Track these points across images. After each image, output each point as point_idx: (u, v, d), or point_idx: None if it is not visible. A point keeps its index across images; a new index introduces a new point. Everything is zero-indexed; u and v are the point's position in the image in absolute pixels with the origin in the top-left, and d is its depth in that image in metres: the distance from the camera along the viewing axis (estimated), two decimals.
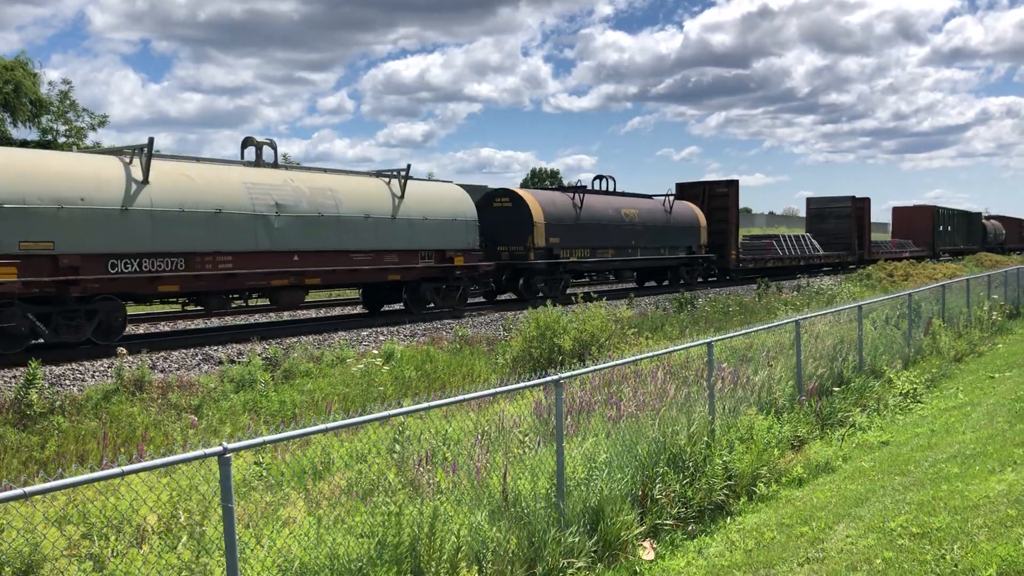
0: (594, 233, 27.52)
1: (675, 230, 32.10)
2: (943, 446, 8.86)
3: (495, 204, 26.15)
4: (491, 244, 25.22)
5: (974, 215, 76.70)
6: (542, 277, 25.86)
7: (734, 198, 36.66)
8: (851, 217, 48.48)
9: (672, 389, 8.69)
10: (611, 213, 28.63)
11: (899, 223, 64.78)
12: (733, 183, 36.54)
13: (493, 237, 25.23)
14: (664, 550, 6.76)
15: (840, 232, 48.32)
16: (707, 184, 36.96)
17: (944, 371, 13.91)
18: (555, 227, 25.93)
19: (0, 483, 7.77)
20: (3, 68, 38.58)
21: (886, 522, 6.41)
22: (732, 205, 36.41)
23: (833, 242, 47.82)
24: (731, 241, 35.83)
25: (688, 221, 33.23)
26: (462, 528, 5.71)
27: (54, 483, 3.80)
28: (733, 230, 35.93)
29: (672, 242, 31.90)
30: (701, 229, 33.81)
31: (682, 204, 33.86)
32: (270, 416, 11.35)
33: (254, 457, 6.71)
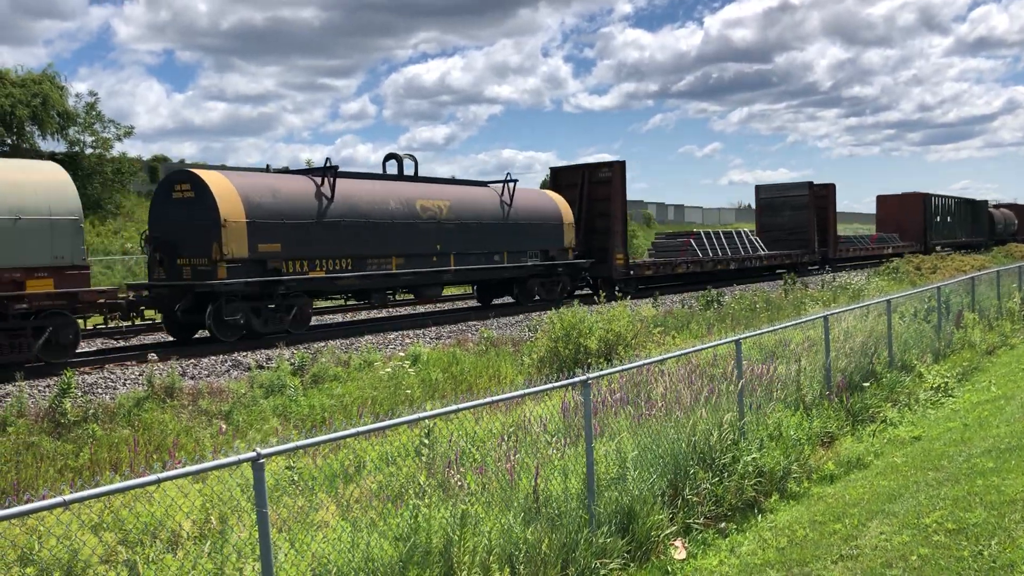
0: (359, 235, 19.38)
1: (518, 229, 23.93)
2: (977, 440, 8.76)
3: (174, 195, 17.66)
4: (169, 256, 17.41)
5: (979, 203, 68.61)
6: (244, 305, 17.26)
7: (619, 185, 28.15)
8: (809, 208, 41.05)
9: (700, 387, 8.65)
10: (394, 207, 20.38)
11: (885, 214, 57.11)
12: (617, 165, 28.24)
13: (172, 244, 17.38)
14: (696, 549, 6.73)
15: (796, 226, 41.18)
16: (587, 168, 28.84)
17: (976, 364, 13.75)
18: (271, 228, 17.67)
19: (38, 491, 7.88)
20: (31, 82, 39.14)
21: (921, 518, 6.35)
22: (617, 195, 28.06)
23: (788, 239, 40.85)
24: (616, 242, 27.72)
25: (541, 216, 24.94)
26: (493, 530, 5.72)
27: (92, 491, 3.85)
28: (619, 227, 27.99)
29: (515, 245, 23.81)
30: (565, 227, 25.71)
31: (533, 194, 26.13)
32: (300, 421, 11.43)
33: (286, 461, 6.76)
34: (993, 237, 69.08)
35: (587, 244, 27.87)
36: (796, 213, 41.38)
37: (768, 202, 42.72)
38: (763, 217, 42.83)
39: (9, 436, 10.25)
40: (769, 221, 42.22)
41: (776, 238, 40.84)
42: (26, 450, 9.96)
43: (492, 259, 23.29)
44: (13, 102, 37.04)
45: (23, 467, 9.64)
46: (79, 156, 40.76)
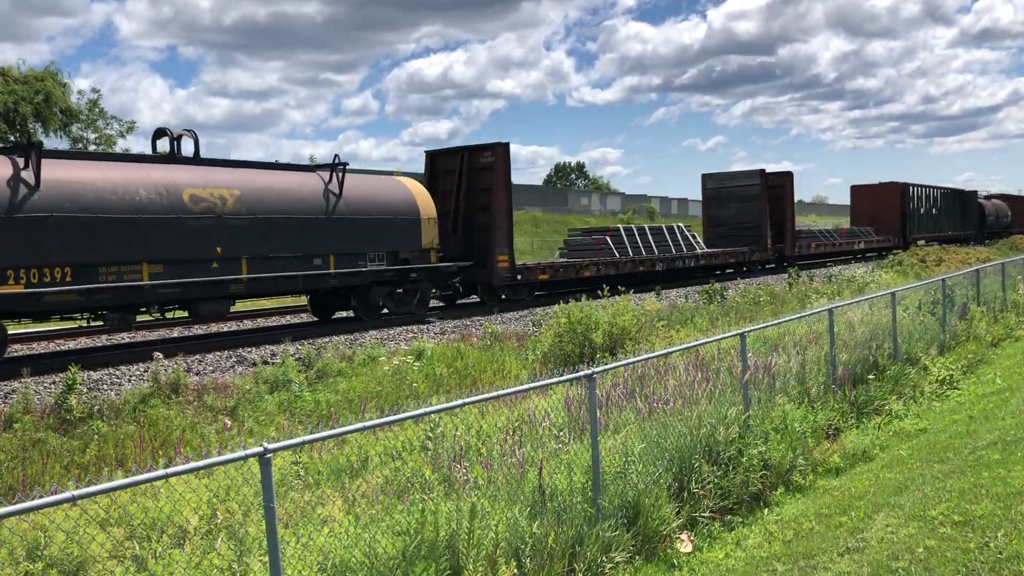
0: (84, 236, 14.40)
1: (351, 226, 18.71)
2: (982, 433, 8.75)
3: None
4: None
5: (968, 194, 64.73)
6: None
7: (502, 172, 23.07)
8: (761, 199, 36.26)
9: (705, 381, 8.65)
10: (145, 197, 15.33)
11: (859, 207, 53.23)
12: (499, 148, 23.11)
13: None
14: (702, 542, 6.74)
15: (746, 220, 36.43)
16: (466, 152, 23.80)
17: (981, 357, 13.73)
18: None
19: (45, 487, 7.91)
20: (33, 79, 39.18)
21: (927, 510, 6.35)
22: (499, 184, 22.98)
23: (736, 234, 36.48)
24: (499, 240, 22.74)
25: (388, 209, 19.67)
26: (499, 524, 5.73)
27: (100, 487, 3.86)
28: (503, 223, 22.93)
29: (346, 246, 18.58)
30: (424, 223, 20.38)
31: (378, 183, 20.69)
32: (305, 416, 11.44)
33: (292, 456, 6.78)
34: (984, 230, 64.96)
35: (467, 244, 23.21)
36: (745, 205, 36.65)
37: (715, 193, 37.93)
38: (710, 210, 38.20)
39: (15, 432, 10.28)
40: (716, 215, 37.71)
41: (724, 234, 36.70)
42: (32, 446, 9.99)
43: (311, 264, 17.96)
44: (16, 99, 37.08)
45: (29, 463, 9.67)
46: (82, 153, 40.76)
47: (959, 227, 60.76)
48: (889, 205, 50.86)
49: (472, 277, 22.84)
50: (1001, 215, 69.60)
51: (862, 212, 52.47)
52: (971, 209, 63.91)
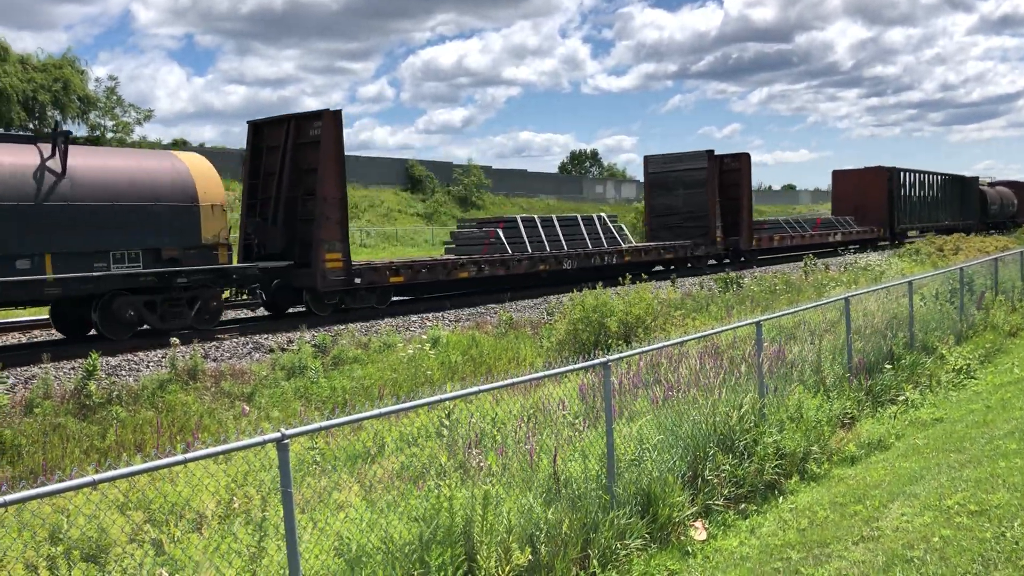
0: None
1: (84, 215, 14.25)
2: (999, 422, 8.71)
3: None
4: None
5: (968, 180, 59.46)
6: None
7: (333, 147, 18.26)
8: (709, 185, 31.56)
9: (720, 369, 8.64)
10: None
11: (842, 194, 48.29)
12: (328, 117, 18.36)
13: None
14: (716, 530, 6.75)
15: (693, 209, 31.90)
16: (293, 122, 18.89)
17: (999, 346, 13.64)
18: None
19: (65, 472, 8.00)
20: (52, 67, 39.41)
21: (942, 500, 6.33)
22: (329, 161, 18.15)
23: (682, 226, 31.92)
24: (329, 233, 18.06)
25: (144, 193, 15.09)
26: (513, 510, 5.76)
27: (120, 471, 3.91)
28: (333, 212, 18.23)
29: (77, 243, 14.18)
30: (203, 211, 15.83)
31: (131, 158, 15.88)
32: (321, 402, 11.52)
33: (309, 442, 6.83)
34: (985, 219, 59.55)
35: (289, 237, 18.60)
36: (692, 192, 32.01)
37: (659, 179, 33.24)
38: (653, 198, 33.47)
39: (36, 417, 10.40)
40: (660, 203, 33.10)
41: (669, 224, 32.45)
42: (52, 431, 10.11)
43: (11, 268, 13.38)
44: (35, 87, 37.32)
45: (50, 448, 9.79)
46: (100, 140, 41.01)
47: (958, 216, 56.30)
48: (875, 192, 46.31)
49: (294, 280, 18.46)
50: (1006, 203, 64.15)
51: (845, 200, 47.66)
52: (972, 197, 59.24)
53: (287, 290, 18.90)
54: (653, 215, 33.46)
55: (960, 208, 56.96)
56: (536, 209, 65.76)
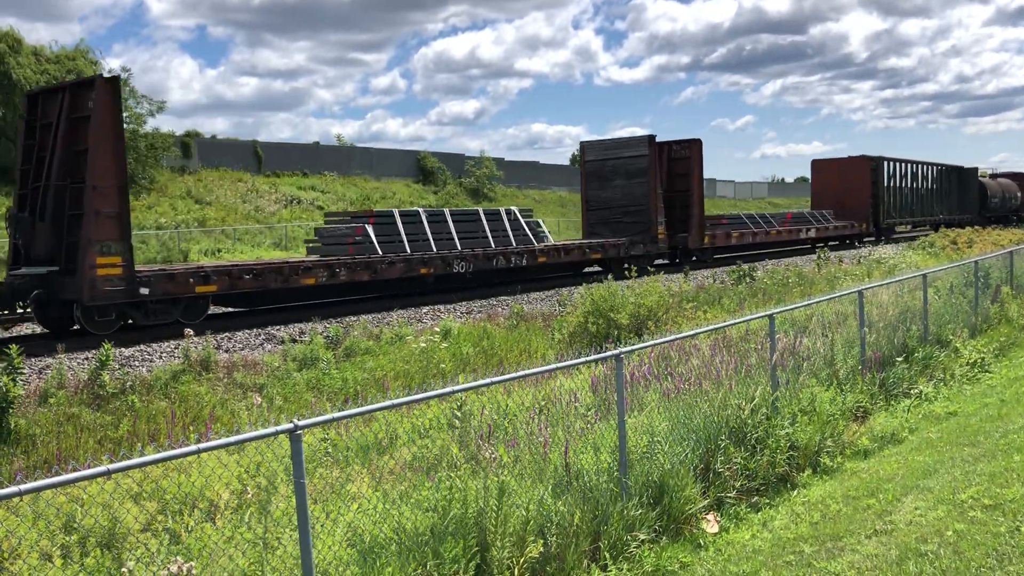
0: None
1: None
2: (1014, 416, 8.65)
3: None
4: None
5: (967, 171, 55.41)
6: None
7: (108, 122, 14.82)
8: (651, 174, 27.58)
9: (732, 362, 8.62)
10: None
11: (822, 186, 44.20)
12: (103, 85, 14.74)
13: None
14: (728, 523, 6.74)
15: (632, 203, 27.93)
16: (68, 90, 15.39)
17: (1013, 340, 13.55)
18: None
19: (80, 461, 8.06)
20: (65, 58, 39.56)
21: (956, 494, 6.30)
22: (103, 135, 14.75)
23: (621, 221, 28.13)
24: (102, 231, 14.52)
25: None
26: (525, 503, 5.76)
27: (135, 461, 3.93)
28: (108, 203, 14.68)
29: None
30: None
31: None
32: (333, 394, 11.55)
33: (321, 433, 6.85)
34: (986, 213, 55.33)
35: (58, 236, 15.02)
36: (631, 184, 27.93)
37: (597, 167, 29.14)
38: (589, 190, 29.41)
39: (50, 407, 10.47)
40: (596, 195, 29.07)
41: (607, 219, 28.50)
42: (67, 421, 10.17)
43: None
44: (48, 79, 37.45)
45: (64, 437, 9.85)
46: None
47: (955, 209, 52.91)
48: (857, 184, 42.37)
49: (58, 291, 14.86)
50: (1008, 196, 59.37)
51: (825, 193, 43.63)
52: (970, 189, 55.23)
53: (56, 304, 15.17)
54: (590, 209, 29.47)
55: (958, 201, 53.51)
56: (549, 200, 65.73)
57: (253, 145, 51.39)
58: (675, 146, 29.98)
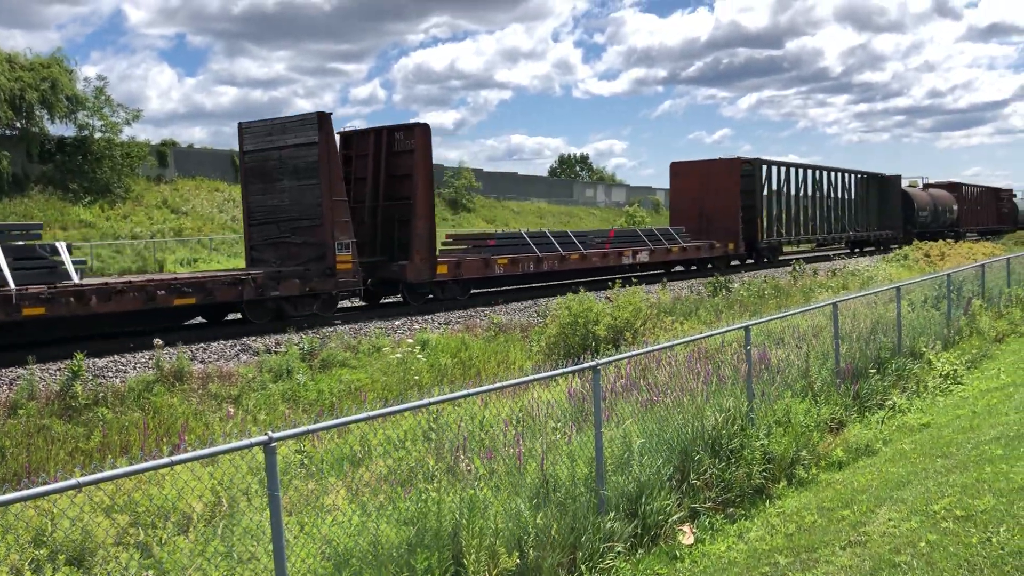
0: None
1: None
2: (986, 428, 8.74)
3: None
4: None
5: (888, 180, 48.92)
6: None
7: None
8: (326, 171, 18.61)
9: (708, 373, 8.66)
10: None
11: (682, 195, 35.25)
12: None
13: None
14: (704, 534, 6.75)
15: (303, 216, 19.12)
16: None
17: (985, 352, 13.71)
18: None
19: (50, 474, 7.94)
20: (40, 66, 39.22)
21: (929, 505, 6.35)
22: None
23: (288, 241, 19.42)
24: None
25: None
26: (501, 514, 5.75)
27: (106, 474, 3.88)
28: None
29: None
30: None
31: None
32: (308, 405, 11.48)
33: (296, 445, 6.79)
34: (912, 228, 49.07)
35: None
36: (301, 187, 19.02)
37: (258, 161, 19.83)
38: (251, 192, 20.24)
39: (20, 418, 10.32)
40: (261, 202, 19.79)
41: (273, 237, 19.56)
42: (37, 432, 10.04)
43: None
44: (23, 86, 37.14)
45: (34, 450, 9.72)
46: (88, 140, 40.81)
47: (873, 224, 46.57)
48: (724, 193, 33.53)
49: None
50: (942, 209, 53.15)
51: (684, 204, 34.91)
52: (893, 201, 48.48)
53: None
54: (252, 223, 20.21)
55: (878, 215, 47.24)
56: (528, 212, 65.85)
57: (230, 154, 51.12)
58: (397, 134, 21.12)
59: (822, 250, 44.85)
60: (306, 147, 18.90)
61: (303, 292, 18.10)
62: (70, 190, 39.38)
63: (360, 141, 22.15)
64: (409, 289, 21.28)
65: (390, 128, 21.57)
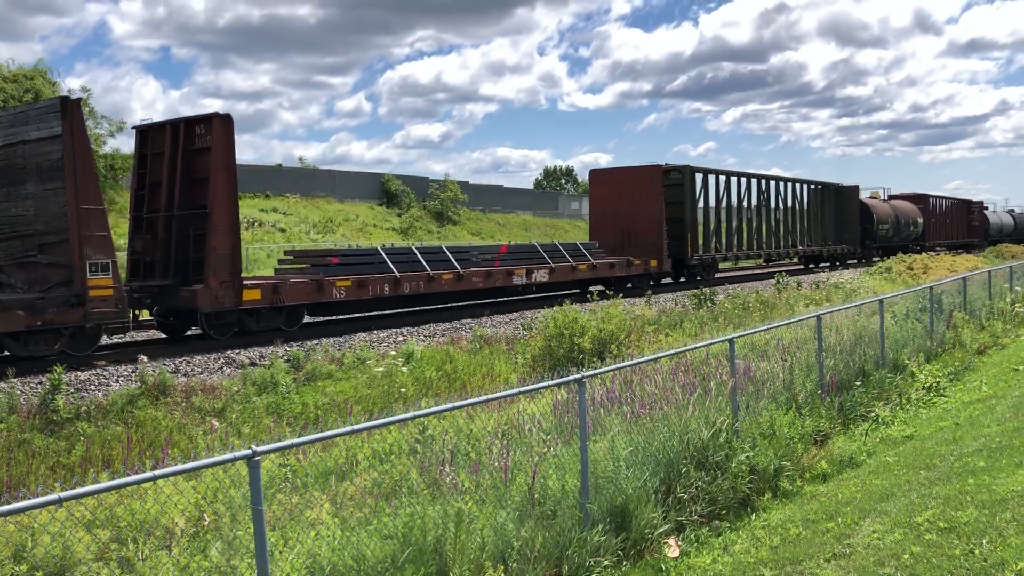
0: None
1: None
2: (968, 440, 8.80)
3: None
4: None
5: (845, 191, 45.56)
6: None
7: None
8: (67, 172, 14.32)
9: (692, 386, 8.67)
10: None
11: (600, 207, 31.52)
12: None
13: None
14: (689, 547, 6.75)
15: (48, 230, 14.88)
16: None
17: (967, 364, 13.81)
18: None
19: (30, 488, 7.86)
20: (23, 77, 39.00)
21: (913, 517, 6.38)
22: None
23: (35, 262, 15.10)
24: None
25: None
26: (486, 528, 5.73)
27: (87, 488, 3.85)
28: None
29: None
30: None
31: None
32: (293, 418, 11.42)
33: (279, 459, 6.75)
34: (872, 242, 46.35)
35: None
36: (44, 192, 15.23)
37: (2, 161, 15.80)
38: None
39: (0, 433, 10.22)
40: (4, 210, 15.82)
41: (18, 255, 15.66)
42: (18, 447, 9.94)
43: None
44: (5, 97, 36.89)
45: (14, 464, 9.62)
46: None
47: (829, 238, 43.17)
48: (646, 204, 29.77)
49: None
50: (905, 222, 49.70)
51: (604, 216, 30.99)
52: (850, 214, 45.09)
53: None
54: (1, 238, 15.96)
55: (835, 228, 43.94)
56: (513, 224, 65.91)
57: None
58: (197, 127, 17.55)
59: (772, 266, 41.24)
60: (49, 141, 14.88)
61: (33, 327, 14.03)
62: None
63: (156, 137, 18.19)
64: (207, 320, 16.92)
65: (188, 120, 17.67)
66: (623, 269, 27.87)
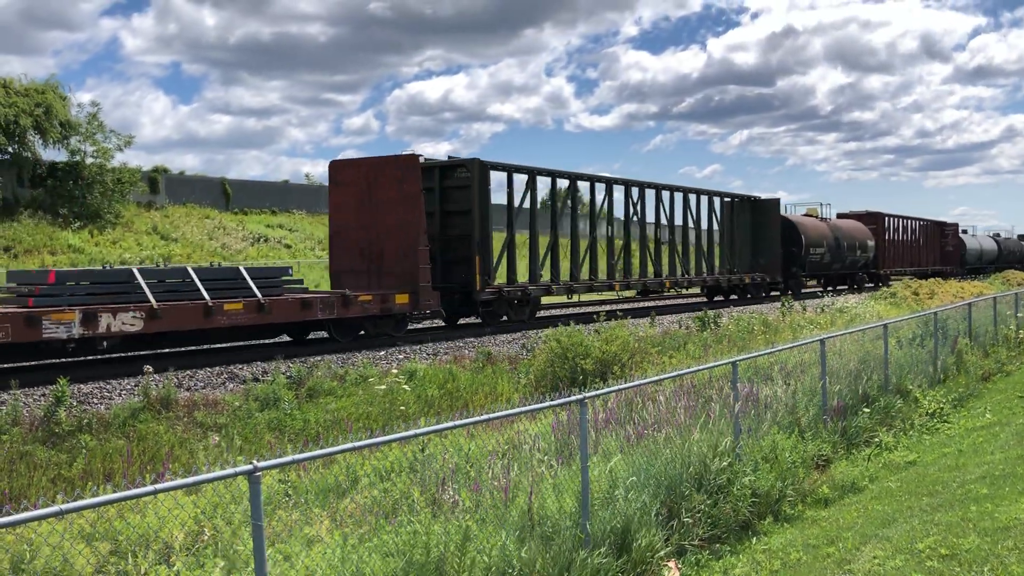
0: None
1: None
2: (971, 467, 8.76)
3: None
4: None
5: (764, 203, 35.53)
6: None
7: None
8: None
9: (696, 408, 8.66)
10: None
11: (339, 215, 20.90)
12: None
13: None
14: (689, 570, 6.72)
15: None
16: None
17: (971, 390, 13.77)
18: None
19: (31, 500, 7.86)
20: (34, 91, 39.28)
21: (914, 543, 6.35)
22: None
23: None
24: None
25: None
26: (487, 548, 5.71)
27: (88, 501, 3.85)
28: None
29: None
30: None
31: None
32: (294, 435, 11.41)
33: (280, 475, 6.75)
34: (800, 270, 36.78)
35: None
36: None
37: None
38: None
39: (3, 445, 10.23)
40: None
41: None
42: (19, 459, 9.94)
43: None
44: (17, 112, 37.17)
45: (16, 476, 9.61)
46: (80, 165, 40.81)
47: (742, 265, 33.78)
48: (395, 212, 19.81)
49: None
50: (848, 246, 39.89)
51: (346, 227, 20.69)
52: (769, 233, 34.99)
53: None
54: None
55: (751, 252, 34.60)
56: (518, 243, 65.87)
57: (221, 182, 51.12)
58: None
59: (650, 300, 32.03)
60: None
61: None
62: (60, 215, 39.29)
63: None
64: None
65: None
66: (325, 310, 17.29)
